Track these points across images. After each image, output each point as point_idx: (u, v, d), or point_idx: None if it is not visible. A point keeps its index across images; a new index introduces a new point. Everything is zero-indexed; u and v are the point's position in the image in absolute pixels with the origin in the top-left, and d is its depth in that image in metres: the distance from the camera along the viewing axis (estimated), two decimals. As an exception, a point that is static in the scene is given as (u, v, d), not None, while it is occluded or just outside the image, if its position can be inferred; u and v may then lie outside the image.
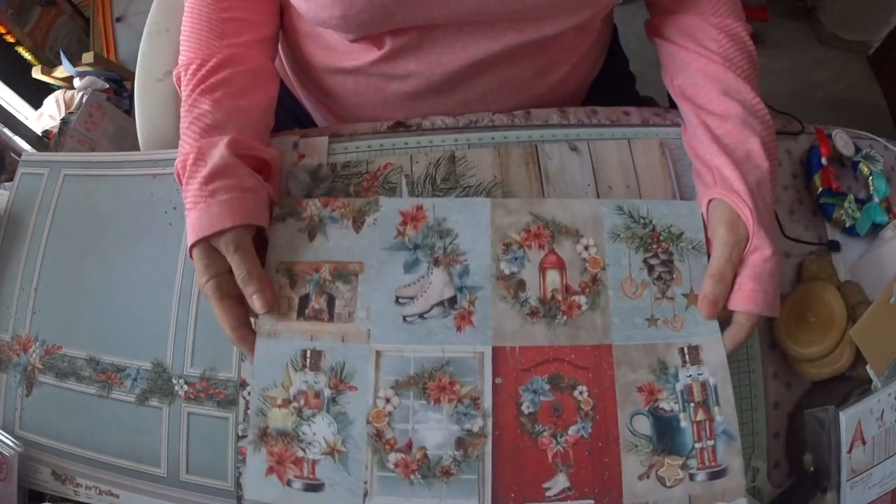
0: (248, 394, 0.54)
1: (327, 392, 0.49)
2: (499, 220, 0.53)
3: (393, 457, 0.48)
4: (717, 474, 0.48)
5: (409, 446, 0.48)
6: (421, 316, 0.51)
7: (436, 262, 0.52)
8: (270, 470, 0.48)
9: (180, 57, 0.57)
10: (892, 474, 0.53)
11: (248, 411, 0.50)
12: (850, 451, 0.52)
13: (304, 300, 0.51)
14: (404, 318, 0.51)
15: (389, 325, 0.50)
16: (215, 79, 0.54)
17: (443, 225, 0.53)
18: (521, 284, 0.51)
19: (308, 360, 0.50)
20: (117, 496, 0.56)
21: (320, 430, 0.49)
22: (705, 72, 0.57)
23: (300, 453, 0.48)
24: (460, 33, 0.57)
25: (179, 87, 0.56)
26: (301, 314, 0.51)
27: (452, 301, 0.51)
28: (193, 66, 0.55)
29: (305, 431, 0.49)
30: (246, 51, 0.57)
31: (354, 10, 0.52)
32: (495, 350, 0.50)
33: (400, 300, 0.51)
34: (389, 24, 0.54)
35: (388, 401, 0.49)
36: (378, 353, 0.50)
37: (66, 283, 0.60)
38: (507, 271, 0.52)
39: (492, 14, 0.54)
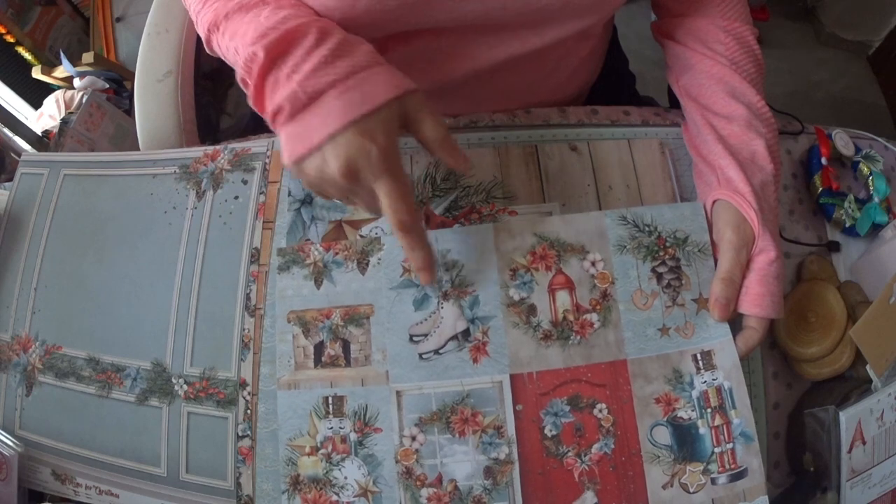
0: (248, 394, 0.54)
1: (353, 436, 0.50)
2: (503, 245, 0.52)
3: (425, 492, 0.49)
4: (737, 476, 0.48)
5: (440, 480, 0.49)
6: (436, 352, 0.51)
7: (445, 297, 0.52)
8: None
9: (200, 24, 0.52)
10: (892, 474, 0.53)
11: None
12: (850, 451, 0.52)
13: (319, 348, 0.52)
14: (420, 355, 0.51)
15: (407, 365, 0.51)
16: None
17: (447, 257, 0.53)
18: (532, 309, 0.51)
19: (331, 407, 0.51)
20: (117, 496, 0.56)
21: (351, 473, 0.49)
22: (711, 73, 0.57)
23: (334, 497, 0.49)
24: (464, 41, 0.56)
25: (211, 45, 0.52)
26: (318, 362, 0.52)
27: (466, 333, 0.51)
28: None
29: (337, 476, 0.50)
30: None
31: (355, 14, 0.52)
32: (513, 378, 0.50)
33: (414, 338, 0.51)
34: (392, 28, 0.54)
35: (413, 438, 0.50)
36: (398, 393, 0.50)
37: (66, 283, 0.60)
38: (516, 297, 0.52)
39: (495, 18, 0.54)
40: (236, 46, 0.46)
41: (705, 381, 0.50)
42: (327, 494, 0.49)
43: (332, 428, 0.50)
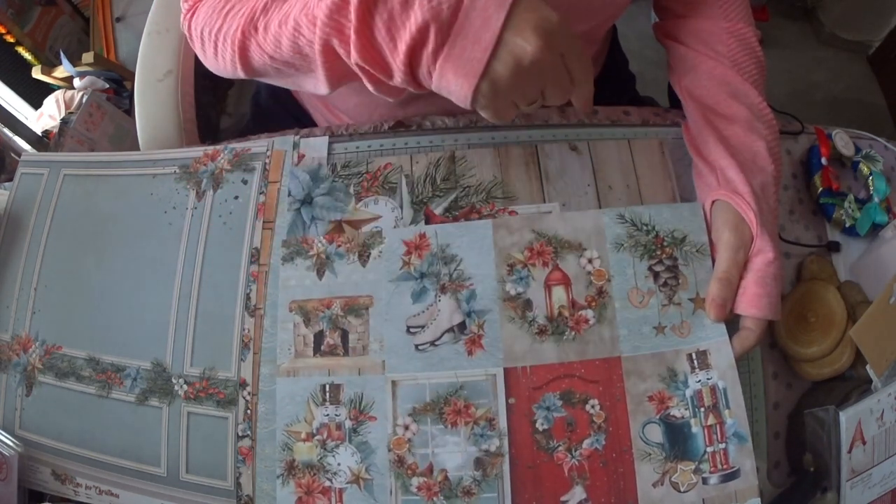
0: (248, 394, 0.54)
1: (348, 423, 0.51)
2: (501, 241, 0.53)
3: (416, 481, 0.49)
4: (729, 476, 0.48)
5: (431, 470, 0.50)
6: (432, 343, 0.52)
7: (442, 290, 0.53)
8: (300, 501, 0.50)
9: (225, 41, 0.48)
10: (892, 474, 0.53)
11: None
12: (850, 451, 0.52)
13: (319, 336, 0.53)
14: (416, 346, 0.52)
15: (403, 355, 0.51)
16: None
17: (446, 251, 0.53)
18: (528, 304, 0.52)
19: (328, 395, 0.52)
20: (117, 496, 0.56)
21: (344, 460, 0.50)
22: (714, 74, 0.57)
23: (327, 483, 0.50)
24: None
25: (248, 54, 0.48)
26: (317, 350, 0.53)
27: (462, 326, 0.52)
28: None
29: (330, 462, 0.50)
30: None
31: None
32: (507, 371, 0.51)
33: (411, 329, 0.52)
34: None
35: (406, 428, 0.50)
36: (394, 383, 0.51)
37: (66, 283, 0.60)
38: (513, 292, 0.52)
39: None
40: (296, 20, 0.42)
41: (700, 381, 0.50)
42: (320, 480, 0.50)
43: (328, 415, 0.51)
